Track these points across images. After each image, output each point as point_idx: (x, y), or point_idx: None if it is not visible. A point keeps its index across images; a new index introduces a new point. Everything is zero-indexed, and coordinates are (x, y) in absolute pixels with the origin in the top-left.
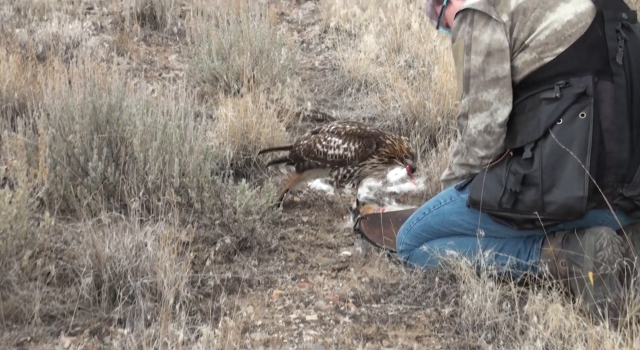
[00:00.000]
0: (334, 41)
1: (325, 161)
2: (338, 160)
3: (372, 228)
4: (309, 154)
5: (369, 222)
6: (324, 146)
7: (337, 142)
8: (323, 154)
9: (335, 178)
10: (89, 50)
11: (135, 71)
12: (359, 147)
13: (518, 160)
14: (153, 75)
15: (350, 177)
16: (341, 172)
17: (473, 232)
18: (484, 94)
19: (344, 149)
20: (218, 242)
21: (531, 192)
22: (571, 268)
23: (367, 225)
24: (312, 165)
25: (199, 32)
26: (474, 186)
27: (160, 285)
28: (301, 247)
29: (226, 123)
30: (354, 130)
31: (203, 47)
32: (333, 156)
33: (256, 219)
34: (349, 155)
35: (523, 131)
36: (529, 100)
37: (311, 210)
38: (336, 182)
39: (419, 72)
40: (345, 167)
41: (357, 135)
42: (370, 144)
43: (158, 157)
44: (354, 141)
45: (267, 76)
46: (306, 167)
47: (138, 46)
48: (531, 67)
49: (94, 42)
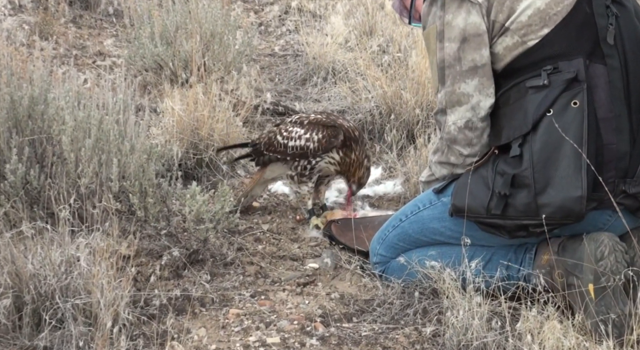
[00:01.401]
0: (296, 23)
1: (286, 154)
2: (299, 152)
3: (344, 232)
4: (269, 147)
5: (342, 226)
6: (284, 138)
7: (298, 132)
8: (283, 146)
9: (295, 170)
10: (5, 33)
11: (64, 58)
12: (322, 136)
13: (505, 159)
14: (85, 63)
15: (311, 171)
16: (301, 164)
17: (457, 240)
18: (462, 86)
19: (306, 139)
20: (164, 255)
21: (522, 195)
22: (569, 280)
23: (339, 229)
24: (273, 159)
25: (139, 13)
26: (457, 192)
27: (95, 306)
28: (261, 260)
29: (173, 118)
30: (319, 119)
31: (144, 30)
32: (294, 148)
33: (209, 228)
34: (312, 146)
35: (508, 125)
36: (513, 90)
37: (272, 216)
38: (296, 176)
39: (394, 58)
40: (307, 159)
41: (321, 124)
42: (336, 134)
43: (92, 157)
44: (318, 130)
45: (220, 63)
46: (266, 161)
47: (66, 29)
48: (513, 52)
49: (11, 24)
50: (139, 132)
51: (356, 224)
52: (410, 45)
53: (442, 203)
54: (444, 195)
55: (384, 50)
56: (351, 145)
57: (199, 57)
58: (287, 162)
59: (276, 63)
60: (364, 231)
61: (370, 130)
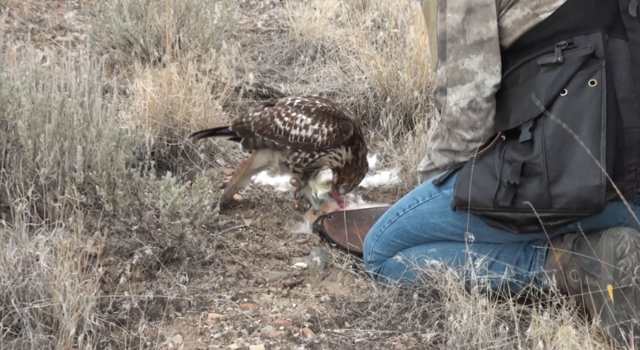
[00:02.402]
0: None
1: (286, 142)
2: (304, 143)
3: (338, 229)
4: (263, 130)
5: (335, 221)
6: (286, 123)
7: (304, 120)
8: (284, 133)
9: (292, 160)
10: None
11: (18, 33)
12: (333, 130)
13: (513, 145)
14: (43, 38)
15: (310, 164)
16: (302, 157)
17: (460, 237)
18: (466, 61)
19: (314, 130)
20: (135, 254)
21: (534, 184)
22: (585, 280)
23: (331, 225)
24: (268, 144)
25: None
26: (460, 183)
27: (57, 311)
28: (243, 258)
29: (144, 101)
30: (327, 109)
31: (111, 2)
32: (298, 138)
33: (185, 223)
34: (320, 139)
35: (518, 108)
36: (523, 69)
37: (256, 211)
38: (292, 165)
39: (390, 34)
40: (310, 152)
41: (331, 115)
42: (348, 128)
43: (53, 144)
44: (328, 122)
45: (197, 40)
46: (258, 145)
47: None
48: (524, 26)
49: None
50: (107, 117)
51: (350, 219)
52: (407, 20)
53: (444, 196)
54: (445, 187)
55: (378, 26)
56: (358, 143)
57: (173, 33)
58: (283, 150)
59: (259, 40)
60: (358, 227)
61: (363, 115)
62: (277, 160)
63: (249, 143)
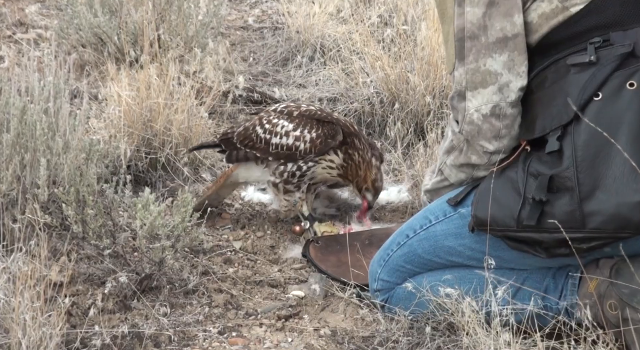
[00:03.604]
0: None
1: (267, 152)
2: (285, 152)
3: (325, 255)
4: (245, 140)
5: (322, 246)
6: (266, 131)
7: (285, 126)
8: (264, 142)
9: (278, 176)
10: None
11: None
12: (316, 135)
13: (539, 156)
14: (1, 36)
15: (300, 178)
16: (289, 169)
17: (479, 262)
18: (488, 61)
19: (295, 137)
20: (108, 282)
21: (563, 201)
22: (625, 313)
23: (318, 251)
24: (249, 156)
25: None
26: (479, 200)
27: (16, 348)
28: (232, 286)
29: (119, 107)
30: (312, 112)
31: None
32: (278, 147)
33: (166, 247)
34: (302, 146)
35: (544, 114)
36: (551, 70)
37: (246, 232)
38: (281, 183)
39: (398, 32)
40: (295, 163)
41: (315, 119)
42: (334, 133)
43: (12, 157)
44: (311, 127)
45: (180, 38)
46: (240, 158)
47: None
48: (552, 21)
49: None
50: (75, 125)
51: (339, 245)
52: (419, 16)
53: (460, 215)
54: (461, 205)
55: (385, 22)
56: (353, 141)
57: (152, 30)
58: (267, 164)
59: (250, 38)
60: (359, 250)
61: (369, 123)
62: (262, 179)
63: (231, 156)
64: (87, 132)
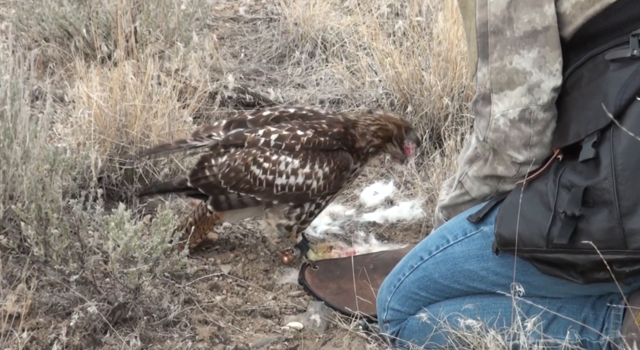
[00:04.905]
0: None
1: (271, 196)
2: (294, 193)
3: (324, 281)
4: (238, 184)
5: (320, 271)
6: (267, 171)
7: (290, 163)
8: (266, 184)
9: (296, 219)
10: None
11: None
12: (330, 170)
13: (573, 166)
14: None
15: (319, 213)
16: (306, 211)
17: (505, 288)
18: (515, 59)
19: (305, 175)
20: (75, 313)
21: (601, 216)
22: None
23: (315, 277)
24: (247, 201)
25: None
26: (503, 216)
27: None
28: (220, 317)
29: (89, 110)
30: (311, 139)
31: None
32: (285, 187)
33: (143, 271)
34: (315, 185)
35: (579, 117)
36: (587, 67)
37: (236, 254)
38: (297, 225)
39: (412, 24)
40: (314, 201)
41: (320, 149)
42: (347, 162)
43: None
44: (321, 161)
45: (160, 31)
46: (234, 204)
47: None
48: (588, 11)
49: None
50: (37, 131)
51: (344, 269)
52: (435, 5)
53: (482, 234)
54: (484, 223)
55: (397, 13)
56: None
57: (127, 22)
58: (272, 207)
59: (241, 31)
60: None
61: None
62: (272, 223)
63: (220, 203)
64: (51, 139)
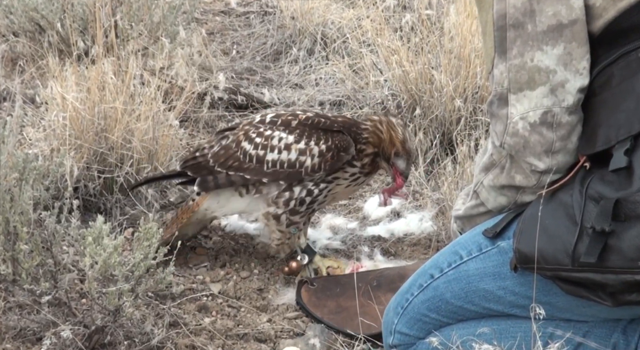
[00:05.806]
0: None
1: (261, 173)
2: (286, 171)
3: (322, 299)
4: (227, 161)
5: (318, 289)
6: (258, 146)
7: (284, 138)
8: (256, 160)
9: (284, 206)
10: None
11: None
12: (327, 148)
13: (602, 175)
14: None
15: (311, 205)
16: (296, 196)
17: (524, 310)
18: (537, 56)
19: (299, 151)
20: (47, 338)
21: (634, 232)
22: None
23: (312, 295)
24: (235, 179)
25: None
26: (523, 229)
27: None
28: (209, 341)
29: (64, 113)
30: (312, 119)
31: None
32: (277, 164)
33: (124, 291)
34: (309, 162)
35: (610, 121)
36: (618, 65)
37: (228, 271)
38: (285, 214)
39: (420, 18)
40: (305, 187)
41: (319, 128)
42: (347, 145)
43: None
44: (318, 138)
45: (143, 26)
46: (222, 183)
47: None
48: (621, 3)
49: None
50: (5, 136)
51: (344, 286)
52: None
53: (499, 250)
54: (501, 238)
55: (404, 6)
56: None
57: (107, 15)
58: (259, 191)
59: (233, 26)
60: (369, 294)
61: None
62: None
63: (207, 183)
64: (21, 145)
